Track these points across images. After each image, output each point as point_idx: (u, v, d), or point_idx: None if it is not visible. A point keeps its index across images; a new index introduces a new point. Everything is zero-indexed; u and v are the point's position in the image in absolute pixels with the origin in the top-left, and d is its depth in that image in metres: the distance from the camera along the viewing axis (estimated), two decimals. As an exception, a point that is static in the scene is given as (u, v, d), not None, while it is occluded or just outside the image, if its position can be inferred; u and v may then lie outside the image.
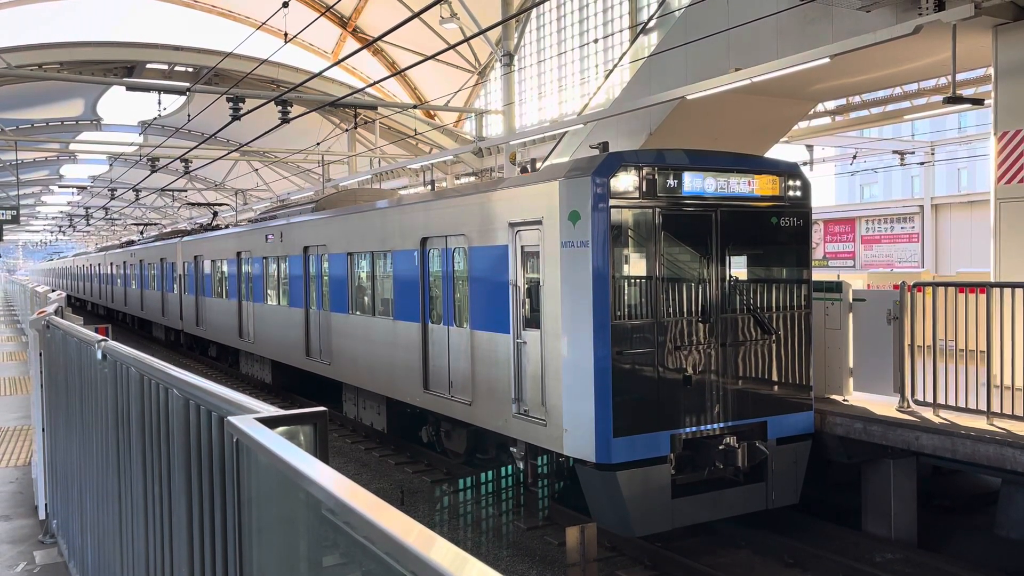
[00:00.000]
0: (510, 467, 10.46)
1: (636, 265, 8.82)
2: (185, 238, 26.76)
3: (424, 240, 11.70)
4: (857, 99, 23.24)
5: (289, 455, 1.79)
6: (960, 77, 11.88)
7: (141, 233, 46.18)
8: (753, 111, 16.11)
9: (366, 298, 13.86)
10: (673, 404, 8.73)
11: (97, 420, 4.87)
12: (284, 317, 17.43)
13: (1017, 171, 10.70)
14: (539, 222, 9.08)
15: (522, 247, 9.50)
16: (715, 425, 8.97)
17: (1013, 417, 8.49)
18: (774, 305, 9.54)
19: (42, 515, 7.69)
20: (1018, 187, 10.71)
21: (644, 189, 8.68)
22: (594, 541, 8.29)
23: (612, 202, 8.49)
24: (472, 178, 32.51)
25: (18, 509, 8.35)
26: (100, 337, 4.92)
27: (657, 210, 8.77)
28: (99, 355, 4.70)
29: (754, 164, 9.69)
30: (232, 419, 2.14)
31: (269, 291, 18.54)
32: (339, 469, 1.68)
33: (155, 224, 48.25)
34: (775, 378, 9.45)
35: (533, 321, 9.34)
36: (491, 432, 10.43)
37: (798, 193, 9.71)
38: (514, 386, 9.57)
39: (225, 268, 21.79)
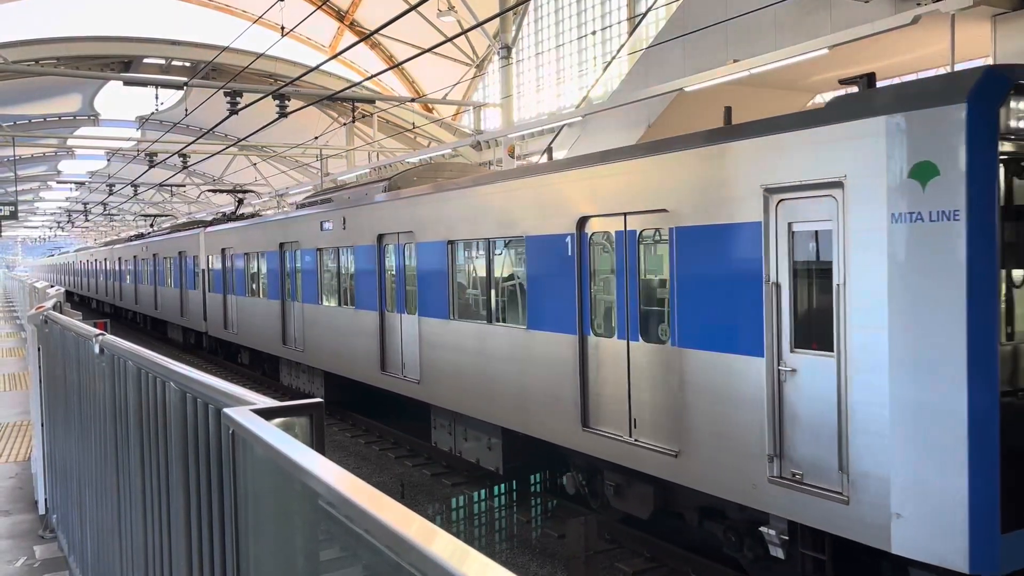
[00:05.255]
0: (749, 550, 7.43)
1: None
2: (209, 228, 23.54)
3: (582, 221, 8.75)
4: (855, 90, 23.17)
5: (285, 446, 1.78)
6: (959, 67, 11.84)
7: (151, 225, 42.67)
8: (751, 103, 16.06)
9: (478, 301, 10.97)
10: None
11: (95, 414, 4.86)
12: (348, 322, 14.43)
13: (1017, 161, 10.67)
14: (835, 184, 6.13)
15: (790, 224, 6.54)
16: None
17: None
18: None
19: (42, 510, 7.70)
20: (1018, 177, 10.66)
21: None
22: (594, 533, 8.29)
23: (1003, 147, 5.56)
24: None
25: (18, 504, 8.35)
26: (98, 331, 4.90)
27: None
28: (97, 349, 4.69)
29: None
30: (228, 411, 2.13)
31: (326, 290, 15.50)
32: (339, 462, 1.67)
33: (166, 216, 46.35)
34: None
35: (815, 339, 6.43)
36: (701, 493, 7.54)
37: None
38: (770, 435, 6.64)
39: (263, 263, 18.66)
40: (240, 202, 27.59)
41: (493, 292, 10.53)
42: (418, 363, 12.01)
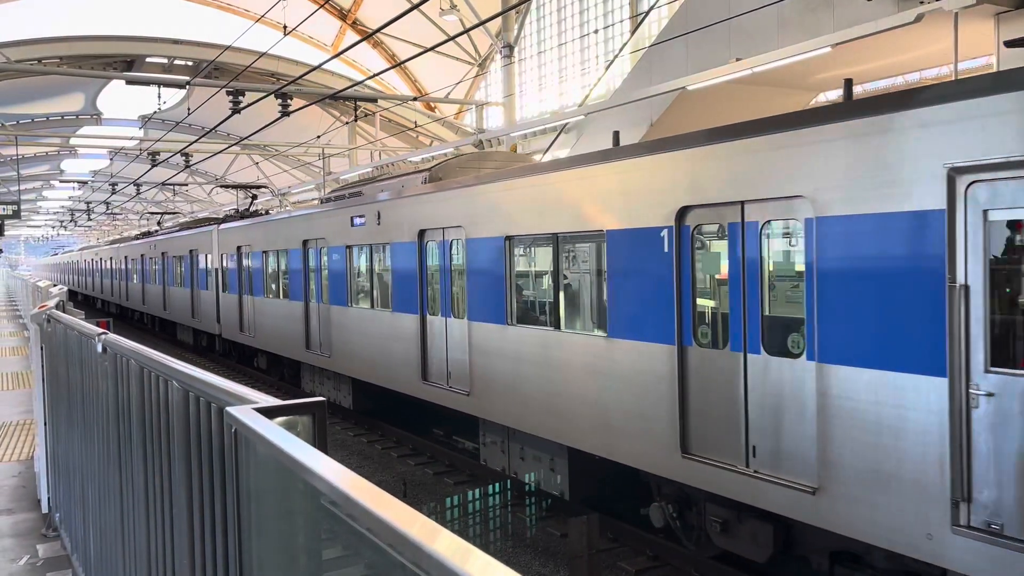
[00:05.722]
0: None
1: None
2: (223, 225, 22.19)
3: (683, 212, 7.39)
4: (860, 88, 23.20)
5: (287, 445, 1.78)
6: (962, 66, 11.86)
7: (159, 223, 41.54)
8: (754, 102, 16.08)
9: (543, 305, 9.85)
10: None
11: (98, 413, 4.86)
12: (383, 326, 13.11)
13: (1020, 160, 10.64)
14: None
15: (987, 213, 5.30)
16: None
17: None
18: None
19: (45, 509, 7.72)
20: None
21: None
22: (596, 532, 8.27)
23: None
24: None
25: (21, 503, 8.37)
26: (100, 330, 4.91)
27: None
28: (99, 348, 4.70)
29: None
30: (230, 409, 2.13)
31: (357, 291, 14.37)
32: (341, 461, 1.67)
33: (175, 213, 45.63)
34: None
35: None
36: (841, 537, 6.30)
37: None
38: (956, 474, 5.38)
39: (284, 261, 17.43)
40: (254, 198, 26.20)
41: (562, 295, 9.27)
42: (467, 373, 10.79)
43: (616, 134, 9.20)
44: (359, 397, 15.13)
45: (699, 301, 7.41)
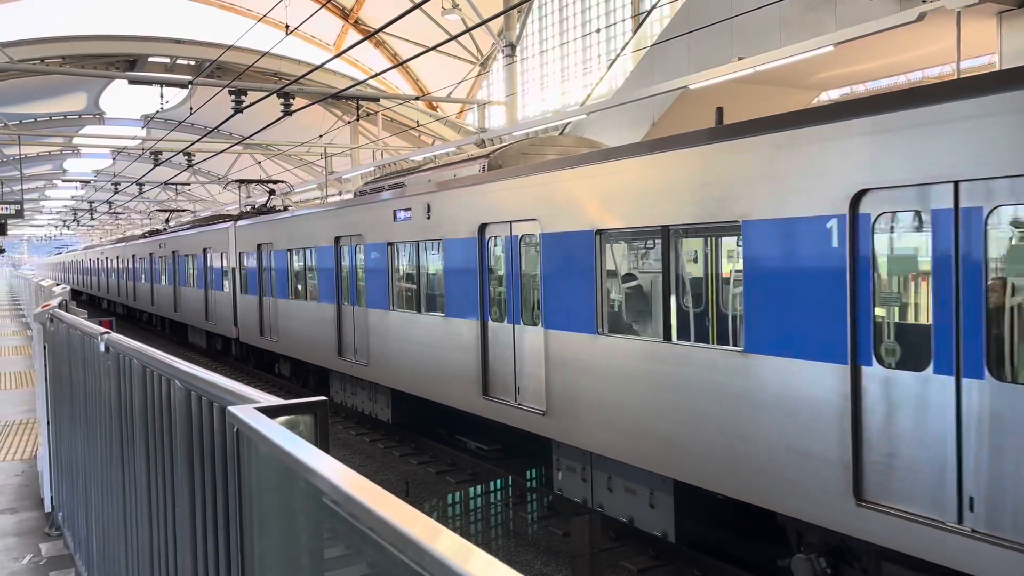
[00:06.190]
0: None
1: None
2: (241, 222, 20.70)
3: (858, 197, 5.92)
4: (861, 87, 23.17)
5: (289, 444, 1.79)
6: (964, 65, 11.86)
7: (167, 221, 40.38)
8: (756, 101, 16.09)
9: (647, 311, 8.76)
10: None
11: (101, 413, 4.88)
12: (434, 333, 11.67)
13: None
14: None
15: None
16: None
17: None
18: None
19: (48, 507, 7.74)
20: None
21: None
22: (598, 531, 8.27)
23: None
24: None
25: (24, 502, 8.39)
26: (103, 330, 4.92)
27: None
28: (102, 348, 4.70)
29: None
30: (232, 409, 2.13)
31: (401, 293, 12.92)
32: (344, 461, 1.67)
33: (183, 211, 45.08)
34: None
35: None
36: None
37: None
38: None
39: (312, 260, 16.09)
40: (272, 193, 24.76)
41: (674, 300, 7.78)
42: (543, 389, 9.37)
43: (719, 110, 8.07)
44: (398, 410, 13.94)
45: (881, 310, 5.94)
